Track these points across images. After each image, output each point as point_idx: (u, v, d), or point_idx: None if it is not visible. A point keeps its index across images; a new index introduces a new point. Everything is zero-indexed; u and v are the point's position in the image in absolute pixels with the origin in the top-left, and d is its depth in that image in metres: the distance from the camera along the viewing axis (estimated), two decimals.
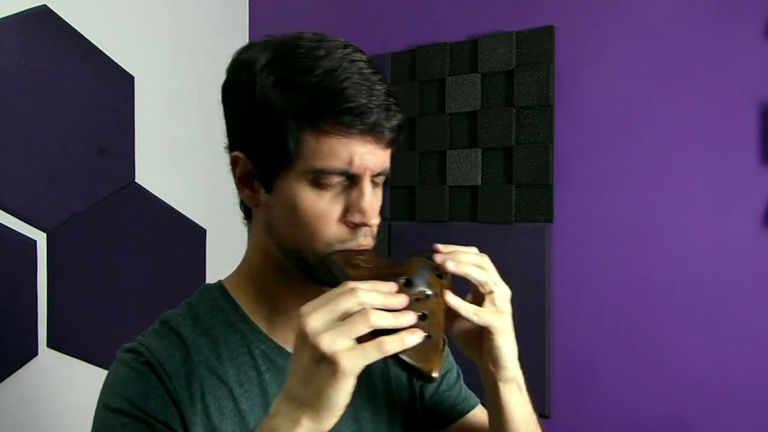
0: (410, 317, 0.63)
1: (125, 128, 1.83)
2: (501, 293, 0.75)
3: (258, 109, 0.72)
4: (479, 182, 1.71)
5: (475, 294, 0.75)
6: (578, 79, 1.58)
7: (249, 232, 0.84)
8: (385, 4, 1.91)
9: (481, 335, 0.75)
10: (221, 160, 0.80)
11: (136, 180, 1.85)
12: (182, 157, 1.94)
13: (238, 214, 0.84)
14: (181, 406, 0.73)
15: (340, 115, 0.69)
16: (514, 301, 1.73)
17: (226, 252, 2.03)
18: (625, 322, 1.52)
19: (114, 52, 1.79)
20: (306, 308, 0.63)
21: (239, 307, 0.81)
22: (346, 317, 0.61)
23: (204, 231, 2.01)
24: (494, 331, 0.73)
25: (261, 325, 0.81)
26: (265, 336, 0.80)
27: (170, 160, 1.92)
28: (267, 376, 0.78)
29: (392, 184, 1.87)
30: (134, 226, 1.84)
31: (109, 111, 1.79)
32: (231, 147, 0.79)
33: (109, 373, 0.77)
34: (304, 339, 0.61)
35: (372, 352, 0.60)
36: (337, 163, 0.71)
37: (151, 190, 1.88)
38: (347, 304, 0.61)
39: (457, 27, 1.76)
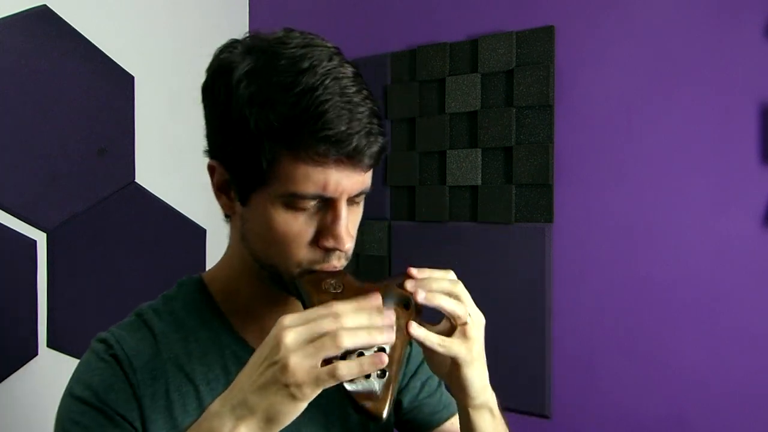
0: (388, 335, 0.62)
1: (125, 128, 1.83)
2: (474, 323, 0.72)
3: (234, 124, 0.69)
4: (479, 182, 1.71)
5: (450, 320, 0.73)
6: (578, 79, 1.58)
7: (230, 230, 0.83)
8: (385, 4, 1.91)
9: (450, 362, 0.73)
10: None
11: (136, 180, 1.85)
12: (182, 157, 1.94)
13: None
14: (142, 401, 0.74)
15: (317, 143, 0.66)
16: (515, 301, 1.72)
17: None
18: (625, 322, 1.52)
19: (114, 52, 1.79)
20: (284, 320, 0.62)
21: (215, 304, 0.81)
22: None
23: (204, 231, 2.01)
24: (461, 362, 0.71)
25: (234, 323, 0.81)
26: (238, 336, 0.80)
27: (170, 160, 1.92)
28: (234, 377, 0.78)
29: (392, 184, 1.87)
30: (134, 226, 1.84)
31: (109, 111, 1.78)
32: (209, 153, 0.76)
33: (80, 362, 0.78)
34: (274, 351, 0.60)
35: (326, 380, 0.59)
36: (312, 189, 0.68)
37: (151, 190, 1.88)
38: (327, 327, 0.60)
39: (457, 27, 1.76)
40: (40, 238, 1.65)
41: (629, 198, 1.52)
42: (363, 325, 0.61)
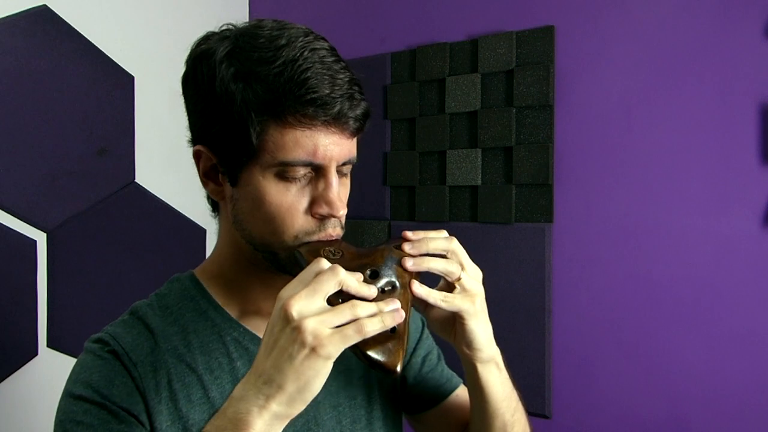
0: (395, 303, 0.64)
1: (125, 128, 1.83)
2: (470, 276, 0.74)
3: (219, 103, 0.71)
4: (479, 182, 1.71)
5: (445, 279, 0.76)
6: (578, 79, 1.58)
7: (218, 224, 0.84)
8: (385, 4, 1.91)
9: (455, 319, 0.75)
10: None
11: (136, 180, 1.85)
12: (182, 157, 1.93)
13: None
14: (145, 394, 0.73)
15: (304, 106, 0.68)
16: (515, 301, 1.72)
17: None
18: (625, 322, 1.52)
19: (114, 52, 1.79)
20: (286, 291, 0.63)
21: (210, 296, 0.81)
22: (326, 298, 0.63)
23: (204, 231, 2.01)
24: (465, 315, 0.73)
25: (232, 313, 0.81)
26: (237, 323, 0.80)
27: (170, 160, 1.92)
28: (239, 363, 0.78)
29: (392, 184, 1.87)
30: (134, 226, 1.83)
31: (109, 111, 1.78)
32: (193, 141, 0.78)
33: (75, 364, 0.77)
34: (286, 322, 0.61)
35: (352, 336, 0.61)
36: (302, 155, 0.70)
37: (151, 190, 1.88)
38: (327, 286, 0.62)
39: (457, 27, 1.77)
40: (40, 238, 1.65)
41: (629, 198, 1.52)
42: (354, 287, 0.64)
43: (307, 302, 0.61)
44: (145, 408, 0.73)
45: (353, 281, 0.64)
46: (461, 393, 0.95)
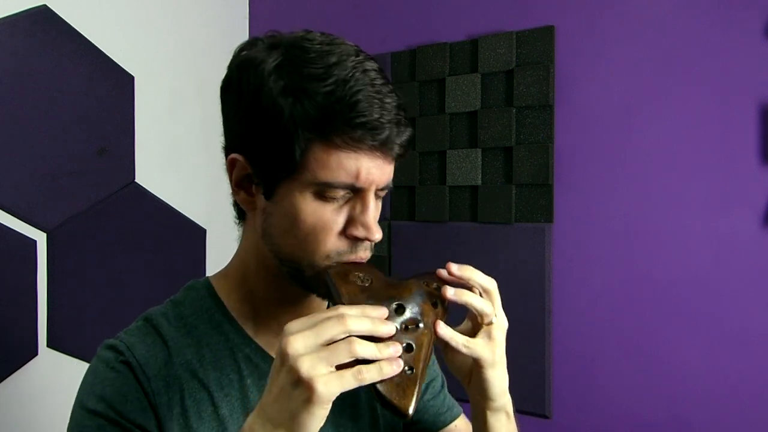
0: (395, 349, 0.62)
1: (125, 128, 1.83)
2: (499, 325, 0.73)
3: (264, 115, 0.70)
4: (479, 182, 1.70)
5: (473, 320, 0.74)
6: (578, 79, 1.58)
7: (242, 232, 0.82)
8: (385, 4, 1.91)
9: (471, 364, 0.73)
10: (221, 160, 0.80)
11: (136, 180, 1.85)
12: (182, 157, 1.94)
13: None
14: (158, 410, 0.73)
15: (353, 129, 0.67)
16: (515, 301, 1.72)
17: (226, 252, 2.02)
18: (625, 322, 1.52)
19: (114, 52, 1.79)
20: (291, 327, 0.61)
21: (225, 308, 0.80)
22: (329, 343, 0.60)
23: (204, 231, 2.01)
24: (484, 364, 0.71)
25: (246, 327, 0.80)
26: (250, 339, 0.79)
27: (170, 160, 1.92)
28: (249, 381, 0.77)
29: (392, 184, 1.87)
30: (134, 226, 1.83)
31: (109, 111, 1.78)
32: (228, 147, 0.76)
33: (88, 370, 0.76)
34: (283, 359, 0.60)
35: (349, 380, 0.59)
36: (344, 177, 0.69)
37: (151, 190, 1.88)
38: (333, 330, 0.60)
39: (457, 27, 1.76)
40: (40, 238, 1.65)
41: (629, 198, 1.52)
42: (366, 329, 0.61)
43: (305, 341, 0.59)
44: (158, 423, 0.73)
45: (364, 324, 0.61)
46: (461, 424, 0.93)
